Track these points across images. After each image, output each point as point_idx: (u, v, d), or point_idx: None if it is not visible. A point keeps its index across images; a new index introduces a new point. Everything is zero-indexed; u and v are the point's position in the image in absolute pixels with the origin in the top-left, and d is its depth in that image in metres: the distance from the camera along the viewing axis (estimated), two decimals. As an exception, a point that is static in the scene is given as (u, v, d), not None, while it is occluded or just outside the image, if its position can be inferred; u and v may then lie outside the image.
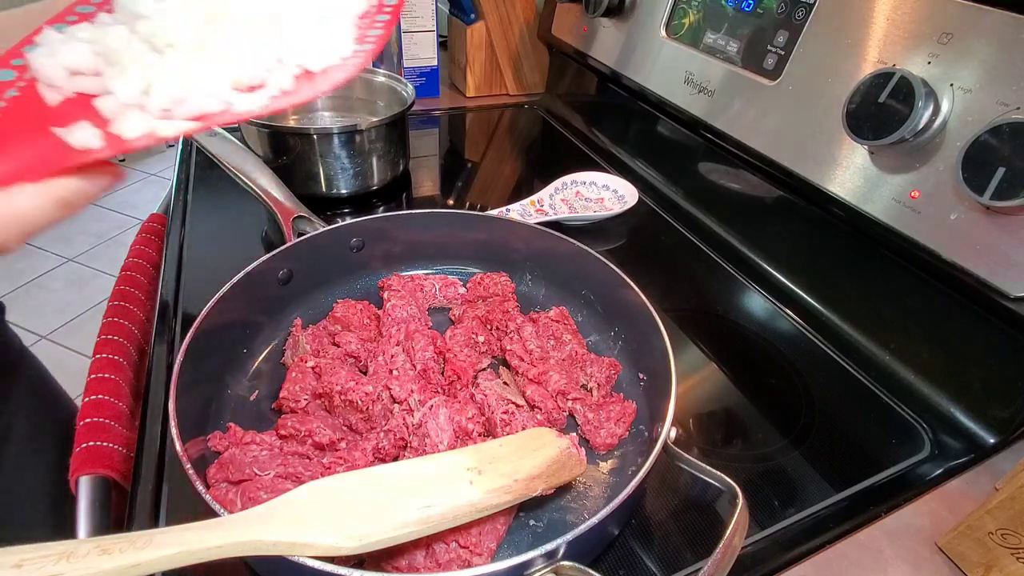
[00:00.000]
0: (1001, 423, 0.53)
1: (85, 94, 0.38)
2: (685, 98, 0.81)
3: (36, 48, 0.38)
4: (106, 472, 0.48)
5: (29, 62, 0.38)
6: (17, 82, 0.38)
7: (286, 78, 0.40)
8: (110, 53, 0.38)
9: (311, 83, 0.41)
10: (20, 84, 0.38)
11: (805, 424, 0.56)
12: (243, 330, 0.56)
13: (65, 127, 0.35)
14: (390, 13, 0.48)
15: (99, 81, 0.38)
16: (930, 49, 0.52)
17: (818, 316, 0.68)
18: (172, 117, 0.38)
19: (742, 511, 0.37)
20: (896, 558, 0.46)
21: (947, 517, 0.48)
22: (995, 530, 0.43)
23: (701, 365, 0.62)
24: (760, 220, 0.77)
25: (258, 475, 0.43)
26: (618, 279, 0.57)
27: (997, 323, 0.52)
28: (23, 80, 0.38)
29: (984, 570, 0.44)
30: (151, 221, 0.83)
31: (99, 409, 0.53)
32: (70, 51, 0.38)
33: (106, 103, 0.37)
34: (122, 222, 2.53)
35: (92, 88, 0.38)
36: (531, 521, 0.45)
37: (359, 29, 0.45)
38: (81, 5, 0.43)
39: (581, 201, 0.86)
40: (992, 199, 0.46)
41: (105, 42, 0.38)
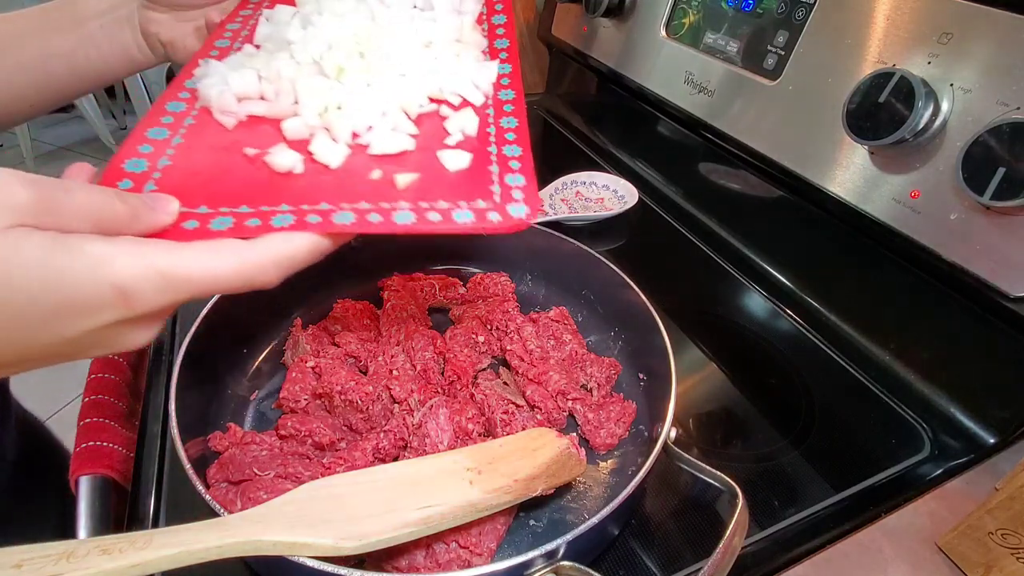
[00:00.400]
0: (1001, 423, 0.53)
1: (257, 117, 0.41)
2: (685, 98, 0.81)
3: (203, 79, 0.41)
4: (106, 472, 0.48)
5: (199, 92, 0.41)
6: (190, 111, 0.41)
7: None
8: (282, 79, 0.42)
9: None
10: (193, 112, 0.41)
11: (805, 424, 0.56)
12: (243, 330, 0.56)
13: (264, 151, 0.38)
14: (503, 11, 0.52)
15: (268, 105, 0.41)
16: (930, 49, 0.52)
17: (818, 316, 0.68)
18: (359, 139, 0.41)
19: (742, 511, 0.37)
20: (896, 558, 0.46)
21: (947, 517, 0.48)
22: (995, 530, 0.43)
23: (701, 365, 0.62)
24: (760, 220, 0.77)
25: (258, 475, 0.43)
26: (618, 279, 0.57)
27: (997, 323, 0.52)
28: (194, 108, 0.41)
29: (984, 570, 0.44)
30: (151, 221, 0.83)
31: (99, 409, 0.53)
32: (240, 79, 0.41)
33: (292, 125, 0.40)
34: (122, 222, 2.53)
35: (261, 112, 0.41)
36: (531, 521, 0.45)
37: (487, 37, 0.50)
38: (219, 40, 0.47)
39: (581, 201, 0.86)
40: (992, 199, 0.46)
41: (274, 68, 0.42)
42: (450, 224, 0.38)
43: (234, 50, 0.46)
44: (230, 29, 0.48)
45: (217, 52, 0.45)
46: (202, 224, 0.34)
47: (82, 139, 3.06)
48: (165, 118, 0.40)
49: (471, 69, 0.46)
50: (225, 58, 0.44)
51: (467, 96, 0.45)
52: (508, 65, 0.48)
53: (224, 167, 0.38)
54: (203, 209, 0.35)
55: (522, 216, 0.38)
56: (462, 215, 0.38)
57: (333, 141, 0.40)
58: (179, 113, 0.40)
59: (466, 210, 0.38)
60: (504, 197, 0.39)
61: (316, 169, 0.39)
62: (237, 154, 0.39)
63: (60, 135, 3.09)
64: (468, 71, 0.46)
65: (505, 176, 0.41)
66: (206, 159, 0.38)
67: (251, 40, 0.47)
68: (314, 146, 0.39)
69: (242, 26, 0.49)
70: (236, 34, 0.48)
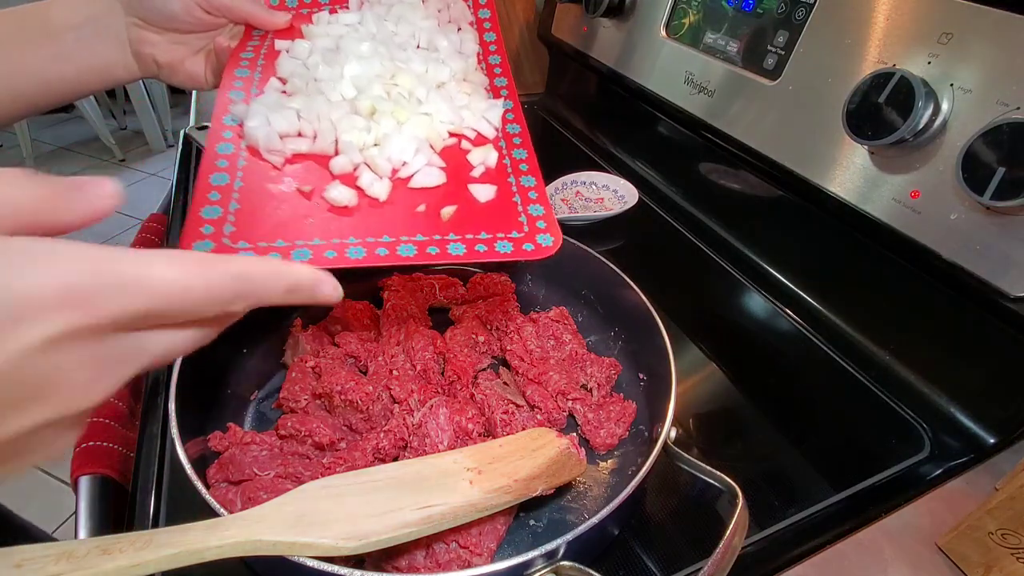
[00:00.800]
0: (1001, 423, 0.53)
1: (300, 154, 0.45)
2: (685, 98, 0.81)
3: (248, 120, 0.44)
4: (106, 472, 0.48)
5: (247, 133, 0.44)
6: (239, 152, 0.44)
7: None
8: (321, 119, 0.45)
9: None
10: (242, 153, 0.44)
11: (805, 424, 0.56)
12: (243, 330, 0.56)
13: (320, 187, 0.43)
14: (488, 19, 0.58)
15: (310, 143, 0.45)
16: (930, 49, 0.52)
17: (818, 316, 0.68)
18: (399, 174, 0.45)
19: (742, 511, 0.37)
20: (896, 558, 0.46)
21: (947, 517, 0.48)
22: (995, 530, 0.43)
23: (701, 365, 0.62)
24: (760, 220, 0.77)
25: (258, 475, 0.43)
26: (618, 279, 0.57)
27: (997, 323, 0.52)
28: (242, 148, 0.44)
29: (984, 570, 0.44)
30: (151, 221, 0.83)
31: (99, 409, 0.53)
32: (283, 119, 0.45)
33: (339, 162, 0.44)
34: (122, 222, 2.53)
35: (304, 149, 0.45)
36: (531, 521, 0.45)
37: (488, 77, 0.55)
38: (239, 69, 0.50)
39: (581, 201, 0.86)
40: (992, 199, 0.46)
41: (314, 111, 0.45)
42: (493, 254, 0.43)
43: (256, 80, 0.49)
44: (246, 58, 0.51)
45: (241, 83, 0.49)
46: (284, 256, 0.39)
47: (82, 139, 3.06)
48: (220, 162, 0.43)
49: (482, 106, 0.51)
50: (251, 90, 0.48)
51: (482, 131, 0.51)
52: (510, 101, 0.54)
53: (286, 205, 0.42)
54: (280, 243, 0.39)
55: (550, 245, 0.44)
56: (503, 246, 0.43)
57: (376, 176, 0.44)
58: (230, 155, 0.43)
59: (505, 240, 0.44)
60: (531, 227, 0.45)
61: (368, 203, 0.44)
62: (293, 192, 0.43)
63: (60, 135, 3.09)
64: (480, 108, 0.51)
65: (528, 207, 0.46)
66: (267, 199, 0.42)
67: (272, 70, 0.50)
68: (363, 181, 0.44)
69: (256, 54, 0.51)
70: (253, 63, 0.51)
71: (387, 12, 0.55)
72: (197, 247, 0.37)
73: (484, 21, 0.59)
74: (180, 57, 0.52)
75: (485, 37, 0.58)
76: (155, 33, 0.50)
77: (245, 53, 0.51)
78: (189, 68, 0.52)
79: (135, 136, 3.14)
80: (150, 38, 0.50)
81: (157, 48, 0.51)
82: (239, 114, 0.45)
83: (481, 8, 0.59)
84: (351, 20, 0.54)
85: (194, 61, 0.53)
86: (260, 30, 0.53)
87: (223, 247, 0.37)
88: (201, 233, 0.38)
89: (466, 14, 0.58)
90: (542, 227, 0.45)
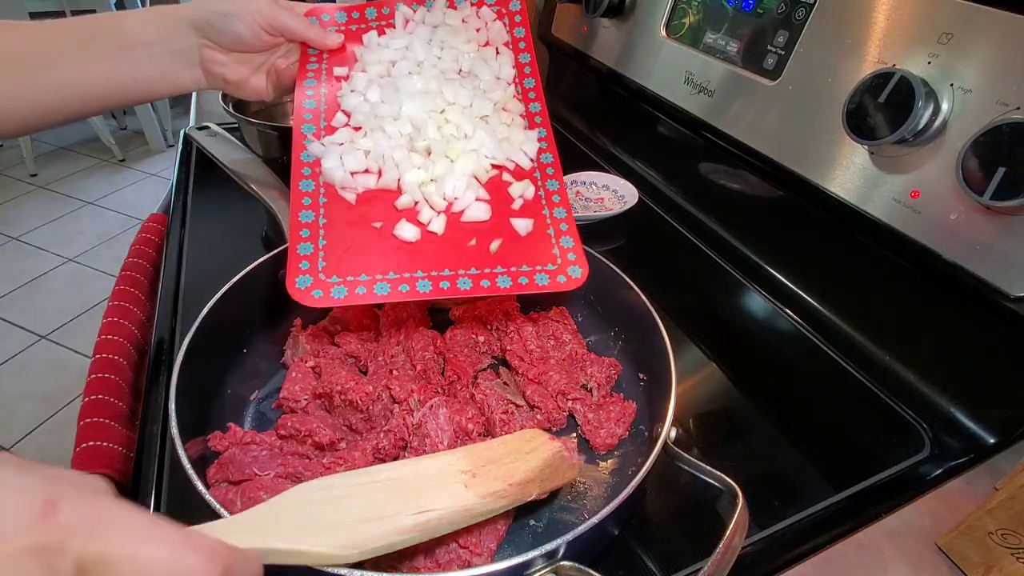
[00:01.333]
0: (1001, 423, 0.53)
1: (370, 190, 0.51)
2: (685, 98, 0.81)
3: (324, 161, 0.50)
4: (106, 472, 0.48)
5: (324, 173, 0.50)
6: (319, 189, 0.50)
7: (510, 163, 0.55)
8: (386, 159, 0.51)
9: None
10: (321, 190, 0.50)
11: (805, 424, 0.56)
12: (243, 330, 0.56)
13: (389, 224, 0.49)
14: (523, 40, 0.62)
15: (377, 179, 0.51)
16: (930, 49, 0.52)
17: (818, 316, 0.68)
18: (454, 208, 0.51)
19: (742, 511, 0.37)
20: (896, 558, 0.46)
21: (947, 517, 0.48)
22: (995, 530, 0.43)
23: (701, 365, 0.62)
24: (760, 220, 0.77)
25: (258, 475, 0.43)
26: (618, 279, 0.57)
27: (997, 323, 0.52)
28: (321, 185, 0.50)
29: (984, 570, 0.44)
30: (151, 221, 0.83)
31: (99, 409, 0.53)
32: (353, 159, 0.51)
33: (403, 201, 0.50)
34: (122, 222, 2.53)
35: (372, 186, 0.51)
36: (531, 521, 0.45)
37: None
38: (307, 101, 0.56)
39: (581, 201, 0.86)
40: (992, 199, 0.46)
41: (379, 152, 0.51)
42: (533, 287, 0.49)
43: (323, 113, 0.55)
44: (310, 87, 0.57)
45: (311, 115, 0.55)
46: (368, 289, 0.45)
47: (82, 139, 3.06)
48: (305, 199, 0.49)
49: (520, 138, 0.55)
50: (320, 122, 0.54)
51: (520, 163, 0.55)
52: (543, 129, 0.57)
53: (363, 241, 0.48)
54: (364, 277, 0.46)
55: (579, 276, 0.50)
56: (541, 278, 0.49)
57: (433, 211, 0.50)
58: (312, 192, 0.50)
59: (543, 273, 0.49)
60: (563, 259, 0.50)
61: (428, 237, 0.49)
62: (367, 227, 0.49)
63: (60, 135, 3.09)
64: (518, 140, 0.55)
65: (560, 239, 0.52)
66: (348, 234, 0.48)
67: (335, 102, 0.56)
68: (422, 217, 0.50)
69: (317, 81, 0.57)
70: (317, 93, 0.56)
71: (431, 34, 0.60)
72: (299, 282, 0.45)
73: (519, 41, 0.61)
74: (246, 75, 0.56)
75: (520, 58, 0.60)
76: (223, 53, 0.54)
77: (308, 81, 0.56)
78: (254, 84, 0.57)
79: (135, 136, 3.14)
80: (219, 58, 0.54)
81: (227, 68, 0.55)
82: (314, 152, 0.52)
83: (516, 27, 0.61)
84: (399, 44, 0.58)
85: (258, 77, 0.57)
86: (315, 50, 0.57)
87: (319, 281, 0.45)
88: (300, 270, 0.45)
89: (503, 34, 0.61)
90: (572, 259, 0.51)
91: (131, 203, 2.66)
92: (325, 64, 0.57)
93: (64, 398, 1.72)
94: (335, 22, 0.59)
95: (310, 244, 0.47)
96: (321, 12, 0.58)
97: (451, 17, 0.60)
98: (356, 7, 0.60)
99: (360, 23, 0.60)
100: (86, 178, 2.81)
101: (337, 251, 0.47)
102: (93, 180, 2.80)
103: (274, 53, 0.57)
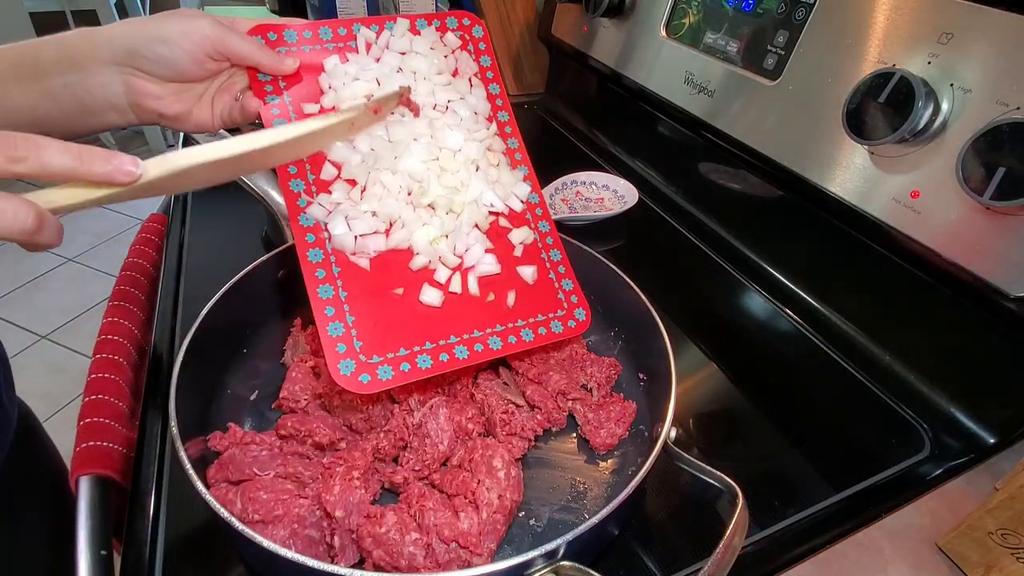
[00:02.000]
0: (1001, 423, 0.53)
1: (383, 253, 0.49)
2: (685, 98, 0.81)
3: (333, 229, 0.47)
4: (106, 472, 0.48)
5: (335, 242, 0.47)
6: (329, 258, 0.47)
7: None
8: (392, 216, 0.49)
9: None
10: (332, 258, 0.47)
11: (805, 424, 0.56)
12: (243, 330, 0.56)
13: (411, 289, 0.47)
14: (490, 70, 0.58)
15: (387, 240, 0.49)
16: (930, 49, 0.52)
17: (818, 316, 0.68)
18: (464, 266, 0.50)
19: (742, 511, 0.37)
20: (896, 558, 0.46)
21: (947, 517, 0.48)
22: (995, 530, 0.43)
23: (701, 365, 0.62)
24: (760, 220, 0.77)
25: (258, 475, 0.43)
26: (618, 279, 0.57)
27: (997, 323, 0.52)
28: (331, 253, 0.47)
29: (984, 570, 0.44)
30: (151, 221, 0.83)
31: (99, 409, 0.53)
32: (362, 223, 0.48)
33: (417, 263, 0.49)
34: (122, 222, 2.53)
35: (383, 248, 0.48)
36: (531, 521, 0.45)
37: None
38: (294, 181, 0.49)
39: (581, 201, 0.86)
40: (992, 199, 0.46)
41: (386, 210, 0.49)
42: (551, 336, 0.50)
43: (308, 168, 0.50)
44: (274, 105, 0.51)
45: (296, 169, 0.49)
46: (412, 365, 0.45)
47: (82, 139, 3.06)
48: (318, 272, 0.46)
49: (509, 180, 0.54)
50: (307, 176, 0.49)
51: (514, 207, 0.54)
52: (524, 166, 0.56)
53: (391, 312, 0.47)
54: (403, 352, 0.45)
55: (584, 319, 0.52)
56: (556, 326, 0.50)
57: (447, 268, 0.49)
58: (322, 262, 0.47)
59: (556, 320, 0.51)
60: (568, 303, 0.52)
61: (450, 299, 0.49)
62: (389, 295, 0.47)
63: (60, 135, 3.09)
64: (508, 182, 0.54)
65: (561, 282, 0.53)
66: (373, 306, 0.46)
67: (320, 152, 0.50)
68: (439, 277, 0.49)
69: (286, 122, 0.51)
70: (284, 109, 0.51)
71: (401, 62, 0.54)
72: (343, 368, 0.43)
73: (487, 70, 0.57)
74: (187, 108, 0.49)
75: (490, 89, 0.57)
76: (156, 84, 0.47)
77: (277, 123, 0.50)
78: (196, 117, 0.50)
79: (135, 136, 3.14)
80: (151, 90, 0.47)
81: (162, 102, 0.48)
82: (315, 215, 0.48)
83: (482, 55, 0.57)
84: (370, 76, 0.52)
85: (200, 109, 0.50)
86: (265, 75, 0.50)
87: (361, 364, 0.44)
88: (339, 354, 0.44)
89: (470, 63, 0.56)
90: (575, 301, 0.52)
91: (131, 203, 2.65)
92: (289, 99, 0.51)
93: (64, 398, 1.71)
94: (284, 42, 0.51)
95: (339, 324, 0.45)
96: (267, 31, 0.50)
97: (419, 43, 0.54)
98: (308, 25, 0.52)
99: (314, 43, 0.52)
100: (86, 178, 2.81)
101: (368, 326, 0.45)
102: (93, 180, 2.80)
103: (214, 81, 0.50)
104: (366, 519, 0.40)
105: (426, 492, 0.43)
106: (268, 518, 0.40)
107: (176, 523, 0.44)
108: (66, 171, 0.30)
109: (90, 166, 0.31)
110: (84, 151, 0.31)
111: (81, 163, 0.31)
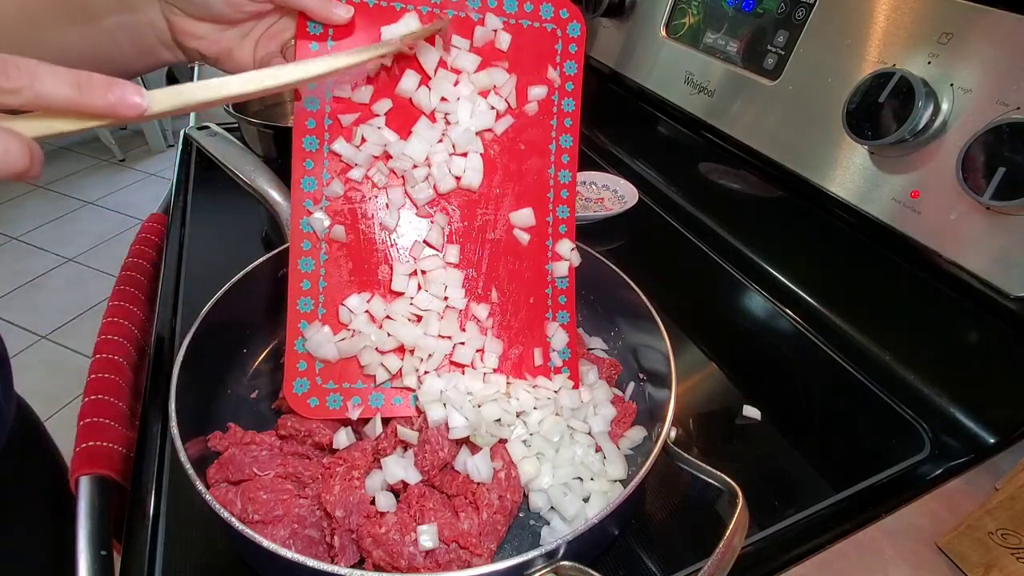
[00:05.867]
0: (1001, 423, 0.53)
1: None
2: (685, 98, 0.81)
3: (362, 360, 0.47)
4: (106, 472, 0.48)
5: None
6: (319, 270, 0.47)
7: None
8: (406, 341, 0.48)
9: None
10: (321, 271, 0.47)
11: (805, 424, 0.56)
12: (243, 330, 0.56)
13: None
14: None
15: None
16: (930, 49, 0.52)
17: (818, 316, 0.68)
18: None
19: (742, 511, 0.37)
20: (896, 558, 0.46)
21: (947, 517, 0.48)
22: (995, 530, 0.43)
23: (701, 365, 0.62)
24: (760, 220, 0.77)
25: (258, 475, 0.43)
26: (618, 279, 0.57)
27: (997, 323, 0.52)
28: (321, 266, 0.47)
29: (984, 570, 0.44)
30: (151, 221, 0.83)
31: (99, 409, 0.53)
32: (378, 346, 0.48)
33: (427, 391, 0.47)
34: (122, 222, 2.53)
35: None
36: (531, 521, 0.45)
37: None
38: (304, 286, 0.48)
39: (581, 201, 0.86)
40: (992, 199, 0.46)
41: (400, 336, 0.48)
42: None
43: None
44: (309, 172, 0.47)
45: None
46: (363, 402, 0.46)
47: (82, 139, 3.06)
48: (304, 283, 0.47)
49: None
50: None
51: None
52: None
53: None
54: (360, 384, 0.47)
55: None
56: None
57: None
58: (310, 274, 0.47)
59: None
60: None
61: None
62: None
63: (60, 135, 3.09)
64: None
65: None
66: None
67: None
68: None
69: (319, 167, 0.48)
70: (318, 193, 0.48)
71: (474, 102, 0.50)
72: (296, 387, 0.46)
73: (568, 80, 0.56)
74: (227, 48, 0.47)
75: (564, 106, 0.58)
76: (194, 23, 0.46)
77: (307, 163, 0.47)
78: (238, 58, 0.47)
79: (135, 136, 3.14)
80: (192, 29, 0.46)
81: (201, 42, 0.46)
82: (315, 225, 0.47)
83: (568, 60, 0.55)
84: (433, 136, 0.49)
85: (242, 51, 0.47)
86: (316, 27, 0.45)
87: (316, 387, 0.46)
88: (298, 371, 0.45)
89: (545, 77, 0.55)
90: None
91: (131, 203, 2.66)
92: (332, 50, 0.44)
93: (64, 398, 1.72)
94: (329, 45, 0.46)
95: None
96: None
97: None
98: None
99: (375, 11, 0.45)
100: (86, 178, 2.81)
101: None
102: (93, 180, 2.80)
103: (259, 24, 0.47)
104: (366, 519, 0.40)
105: (426, 492, 0.43)
106: (268, 518, 0.40)
107: (176, 523, 0.44)
108: (65, 103, 0.27)
109: (91, 98, 0.28)
110: (83, 79, 0.27)
111: (81, 94, 0.27)
